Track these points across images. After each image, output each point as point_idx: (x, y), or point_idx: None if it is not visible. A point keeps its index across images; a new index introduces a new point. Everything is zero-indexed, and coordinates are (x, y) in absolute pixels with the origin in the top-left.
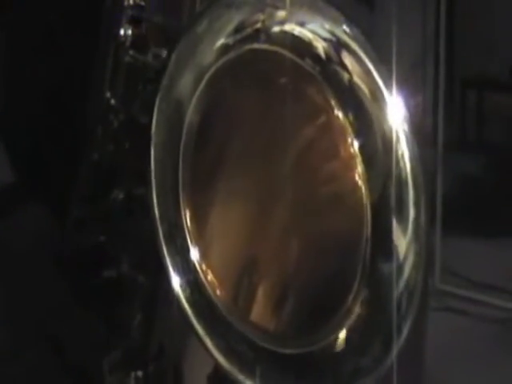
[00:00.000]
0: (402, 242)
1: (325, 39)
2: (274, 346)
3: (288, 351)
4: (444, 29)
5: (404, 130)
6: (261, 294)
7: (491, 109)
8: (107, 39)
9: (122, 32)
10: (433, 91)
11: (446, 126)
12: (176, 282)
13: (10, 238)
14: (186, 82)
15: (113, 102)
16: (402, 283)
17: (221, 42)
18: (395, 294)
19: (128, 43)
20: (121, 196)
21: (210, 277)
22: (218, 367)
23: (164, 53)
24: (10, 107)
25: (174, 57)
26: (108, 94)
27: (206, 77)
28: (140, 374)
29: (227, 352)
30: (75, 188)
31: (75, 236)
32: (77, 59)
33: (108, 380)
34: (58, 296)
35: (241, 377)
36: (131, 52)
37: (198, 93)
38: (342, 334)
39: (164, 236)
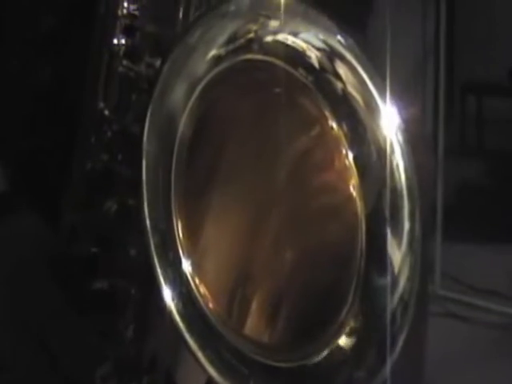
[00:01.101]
0: (397, 254)
1: (318, 49)
2: (268, 360)
3: (281, 365)
4: (444, 34)
5: (399, 141)
6: (254, 306)
7: (491, 113)
8: (100, 49)
9: (115, 41)
10: (433, 96)
11: (446, 131)
12: (168, 295)
13: (3, 246)
14: (178, 92)
15: (106, 112)
16: (396, 296)
17: (213, 52)
18: (389, 307)
19: (121, 53)
20: (114, 206)
21: (202, 289)
22: (210, 380)
23: (157, 63)
24: (3, 116)
25: (166, 67)
26: (101, 105)
27: (199, 87)
28: None
29: (220, 365)
30: (68, 197)
31: (68, 245)
32: (70, 68)
33: None
34: (51, 305)
35: None
36: (124, 62)
37: (190, 103)
38: (336, 347)
39: (156, 248)
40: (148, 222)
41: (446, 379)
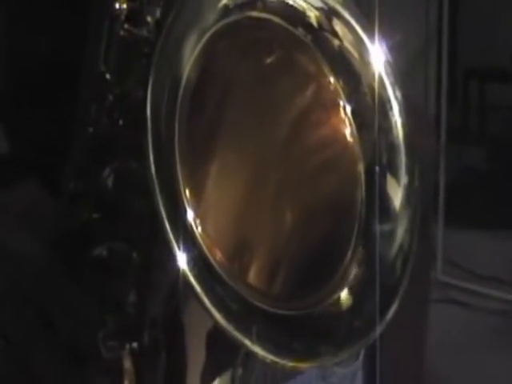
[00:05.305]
0: (395, 204)
1: (317, 8)
2: (272, 308)
3: (285, 312)
4: (447, 19)
5: (397, 97)
6: (259, 259)
7: (494, 99)
8: (101, 13)
9: (117, 6)
10: (436, 81)
11: (448, 116)
12: (182, 258)
13: (2, 213)
14: (185, 40)
15: (108, 76)
16: (395, 245)
17: (224, 2)
18: (389, 255)
19: (123, 17)
20: (116, 171)
21: (210, 246)
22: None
23: (160, 27)
24: (3, 81)
25: (173, 14)
26: (103, 68)
27: (205, 37)
28: (135, 345)
29: (224, 311)
30: (69, 163)
31: (69, 211)
32: (71, 33)
33: (103, 353)
34: (50, 273)
35: (237, 334)
36: (126, 26)
37: (196, 52)
38: (340, 295)
39: (166, 212)
40: (156, 184)
41: (447, 365)
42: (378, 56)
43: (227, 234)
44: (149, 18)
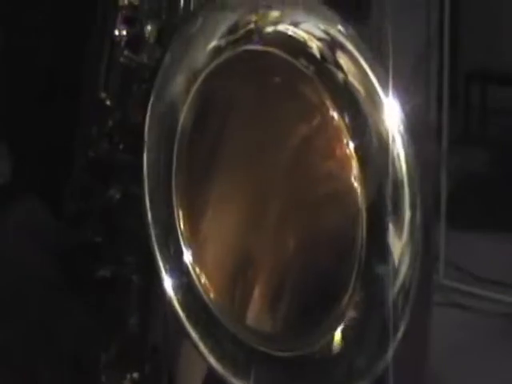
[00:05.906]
0: (398, 244)
1: (319, 39)
2: (268, 349)
3: (282, 354)
4: (448, 22)
5: (400, 131)
6: (255, 296)
7: (495, 102)
8: (102, 39)
9: (116, 32)
10: (437, 85)
11: (450, 120)
12: (169, 284)
13: (5, 234)
14: (179, 83)
15: (108, 102)
16: (397, 284)
17: (214, 43)
18: (390, 296)
19: (123, 44)
20: (116, 194)
21: (203, 279)
22: (211, 369)
23: (159, 52)
24: (6, 104)
25: (167, 56)
26: (103, 95)
27: (201, 77)
28: (136, 375)
29: (220, 354)
30: (70, 186)
31: (70, 233)
32: (72, 59)
33: (104, 381)
34: (54, 293)
35: (234, 380)
36: (126, 52)
37: (191, 94)
38: (337, 336)
39: (157, 240)
40: (149, 213)
41: (450, 368)
42: (391, 106)
43: (224, 272)
44: (149, 41)
